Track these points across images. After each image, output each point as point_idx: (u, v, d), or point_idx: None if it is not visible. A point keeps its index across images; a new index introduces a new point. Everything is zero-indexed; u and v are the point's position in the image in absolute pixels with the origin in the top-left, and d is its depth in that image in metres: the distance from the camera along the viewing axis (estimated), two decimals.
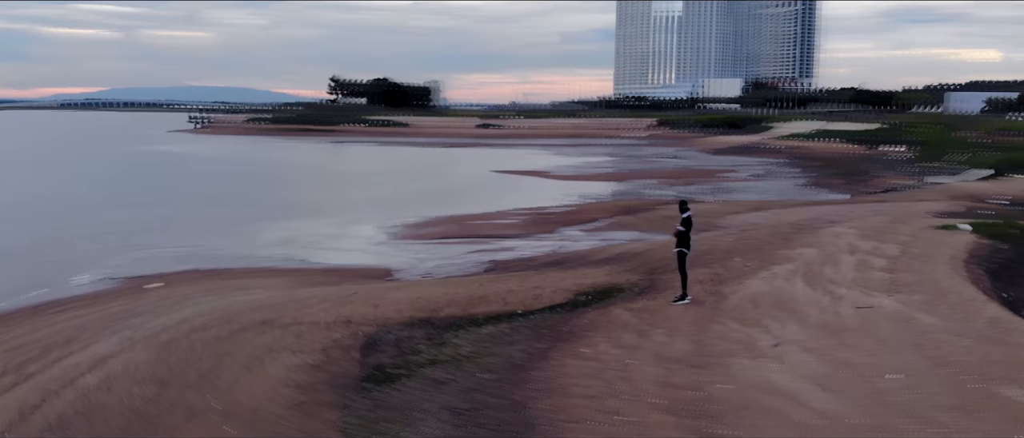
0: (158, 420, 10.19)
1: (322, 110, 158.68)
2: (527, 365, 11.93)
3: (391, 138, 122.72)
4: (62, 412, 10.63)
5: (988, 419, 8.78)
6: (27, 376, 12.56)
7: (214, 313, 16.25)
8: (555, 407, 10.11)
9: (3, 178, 58.20)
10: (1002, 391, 9.50)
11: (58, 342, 14.79)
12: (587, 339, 13.06)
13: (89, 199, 45.28)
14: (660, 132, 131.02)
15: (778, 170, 64.39)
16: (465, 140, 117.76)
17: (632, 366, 11.42)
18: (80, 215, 38.18)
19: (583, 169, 69.66)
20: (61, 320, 17.21)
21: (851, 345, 11.57)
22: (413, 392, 10.93)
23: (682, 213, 16.02)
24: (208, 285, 21.40)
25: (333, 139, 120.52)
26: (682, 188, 52.19)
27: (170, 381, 11.72)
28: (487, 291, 17.23)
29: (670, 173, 64.84)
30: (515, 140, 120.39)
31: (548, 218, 36.50)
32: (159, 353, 13.24)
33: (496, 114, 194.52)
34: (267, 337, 13.84)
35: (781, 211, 34.07)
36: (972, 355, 10.78)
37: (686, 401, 9.93)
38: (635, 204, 40.87)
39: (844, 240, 20.66)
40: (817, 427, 8.90)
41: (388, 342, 13.57)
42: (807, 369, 10.69)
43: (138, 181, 58.45)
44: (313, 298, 17.55)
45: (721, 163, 75.39)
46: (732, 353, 11.66)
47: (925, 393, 9.60)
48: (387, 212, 38.98)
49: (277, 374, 11.74)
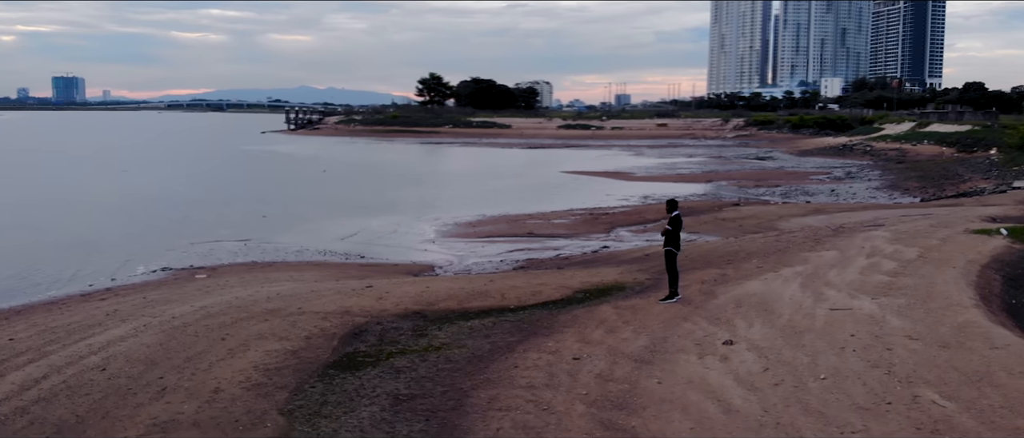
0: (130, 396, 11.08)
1: (414, 111, 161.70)
2: (489, 357, 12.39)
3: (481, 139, 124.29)
4: (54, 387, 11.67)
5: (891, 421, 8.75)
6: (43, 354, 13.74)
7: (232, 302, 17.26)
8: (492, 396, 10.55)
9: (101, 174, 61.81)
10: (924, 394, 9.42)
11: (85, 326, 16.02)
12: (558, 334, 13.42)
13: (173, 194, 47.75)
14: (750, 133, 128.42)
15: (861, 173, 62.52)
16: (551, 141, 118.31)
17: (582, 360, 11.74)
18: (161, 210, 40.41)
19: (661, 170, 69.28)
20: (101, 306, 18.55)
21: (802, 345, 11.57)
22: (369, 379, 11.54)
23: (670, 213, 16.13)
24: (246, 277, 22.58)
25: (424, 140, 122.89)
26: (754, 190, 51.45)
27: (159, 362, 12.66)
28: (492, 287, 17.72)
29: (749, 175, 63.83)
30: (601, 141, 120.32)
31: (603, 218, 36.68)
32: (164, 337, 14.25)
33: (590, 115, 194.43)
34: (264, 325, 14.69)
35: (838, 215, 33.35)
36: (916, 358, 10.66)
37: (612, 394, 10.22)
38: (696, 205, 40.58)
39: (872, 244, 20.27)
40: (719, 422, 9.07)
41: (373, 332, 14.24)
42: (744, 367, 10.79)
43: (224, 178, 61.25)
44: (330, 290, 18.40)
45: (806, 165, 73.68)
46: (684, 350, 11.84)
47: (844, 394, 9.61)
48: (449, 211, 39.89)
49: (254, 358, 12.53)
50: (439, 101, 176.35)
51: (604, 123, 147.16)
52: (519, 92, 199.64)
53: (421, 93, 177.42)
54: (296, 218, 37.78)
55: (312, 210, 41.23)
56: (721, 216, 36.11)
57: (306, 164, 76.45)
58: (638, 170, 68.70)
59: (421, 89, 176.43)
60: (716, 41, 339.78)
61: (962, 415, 8.79)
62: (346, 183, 58.44)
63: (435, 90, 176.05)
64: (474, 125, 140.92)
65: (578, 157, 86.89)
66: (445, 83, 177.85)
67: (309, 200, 46.53)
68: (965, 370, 10.13)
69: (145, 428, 9.97)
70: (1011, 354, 10.68)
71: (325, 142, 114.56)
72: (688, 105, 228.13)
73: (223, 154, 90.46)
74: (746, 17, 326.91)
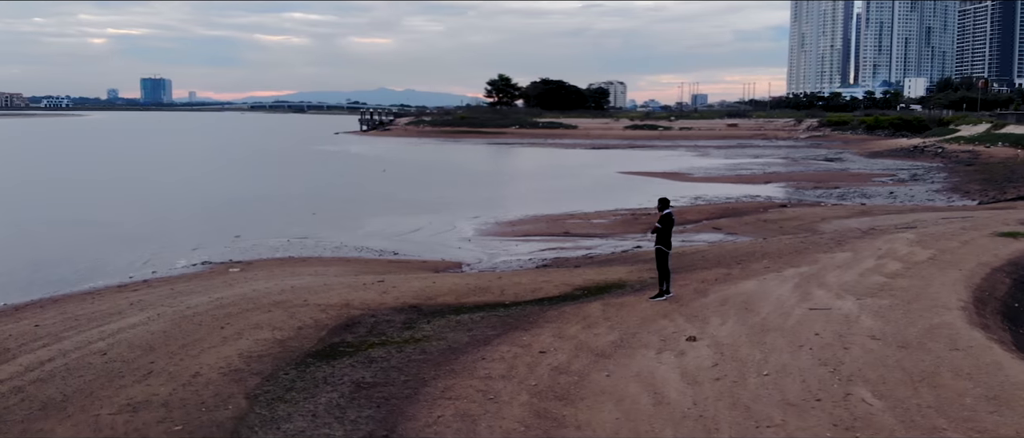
0: (117, 379, 11.81)
1: (481, 112, 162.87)
2: (463, 349, 12.77)
3: (546, 140, 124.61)
4: (54, 369, 12.51)
5: (811, 418, 8.79)
6: (58, 339, 14.66)
7: (247, 294, 18.02)
8: (448, 385, 10.92)
9: (177, 172, 64.28)
10: (857, 392, 9.40)
11: (106, 314, 16.98)
12: (537, 329, 13.70)
13: (238, 192, 49.43)
14: (823, 133, 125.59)
15: (927, 175, 60.74)
16: (616, 142, 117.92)
17: (547, 353, 12.01)
18: (223, 206, 41.99)
19: (721, 171, 68.49)
20: (130, 297, 19.55)
21: (762, 343, 11.60)
22: (341, 367, 12.04)
23: (661, 211, 16.21)
24: (275, 270, 23.43)
25: (489, 141, 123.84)
26: (811, 191, 50.56)
27: (157, 348, 13.41)
28: (494, 284, 18.09)
29: (811, 176, 62.64)
30: (668, 141, 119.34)
31: (643, 219, 36.59)
32: (171, 325, 15.04)
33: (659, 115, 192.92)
34: (265, 315, 15.36)
35: (882, 217, 32.66)
36: (868, 358, 10.60)
37: (560, 385, 10.48)
38: (740, 207, 40.23)
39: (891, 246, 19.95)
40: (645, 413, 9.25)
41: (366, 324, 14.76)
42: (695, 363, 10.90)
43: (288, 177, 62.96)
44: (341, 284, 19.03)
45: (873, 167, 71.86)
46: (647, 345, 11.99)
47: (778, 390, 9.66)
48: (494, 210, 40.37)
49: (243, 346, 13.17)
50: (507, 102, 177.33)
51: (672, 123, 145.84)
52: (589, 93, 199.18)
53: (490, 94, 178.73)
54: (345, 215, 38.77)
55: (363, 208, 42.24)
56: (764, 218, 35.75)
57: (370, 164, 77.97)
58: (697, 171, 68.08)
59: (490, 90, 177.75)
60: (796, 40, 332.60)
61: (885, 414, 8.78)
62: (402, 182, 59.45)
63: (504, 91, 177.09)
64: (540, 126, 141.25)
65: (640, 158, 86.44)
66: (513, 84, 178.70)
67: (363, 199, 47.63)
68: (912, 370, 10.07)
69: (118, 407, 10.65)
70: (968, 356, 10.55)
71: (393, 143, 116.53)
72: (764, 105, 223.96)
73: (295, 154, 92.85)
74: (827, 16, 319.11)
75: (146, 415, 10.31)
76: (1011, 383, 9.49)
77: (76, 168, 69.13)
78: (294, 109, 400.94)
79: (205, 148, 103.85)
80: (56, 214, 38.70)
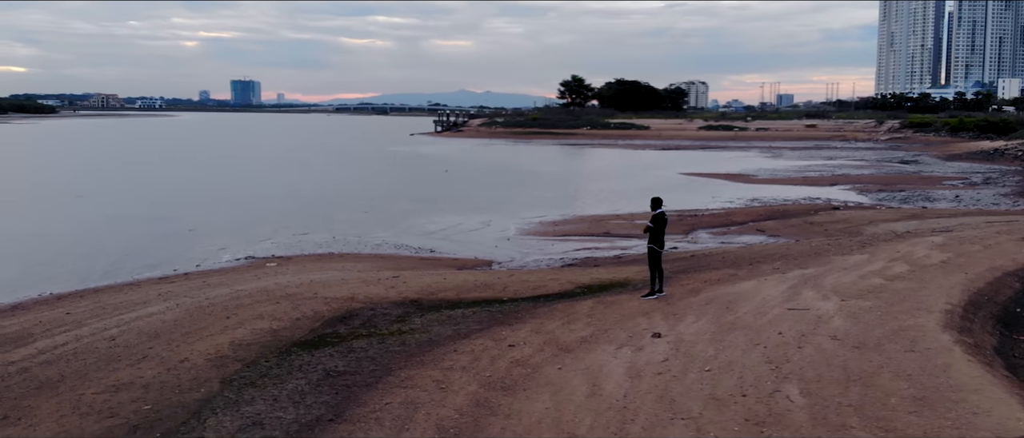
0: (114, 362, 12.66)
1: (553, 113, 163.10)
2: (442, 342, 13.22)
3: (616, 141, 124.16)
4: (63, 352, 13.45)
5: (728, 412, 8.92)
6: (79, 326, 15.70)
7: (265, 287, 18.85)
8: (409, 375, 11.39)
9: (253, 170, 66.59)
10: (786, 390, 9.47)
11: (132, 304, 18.02)
12: (520, 324, 14.06)
13: (301, 191, 50.98)
14: (904, 135, 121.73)
15: (1000, 178, 58.55)
16: (688, 143, 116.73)
17: (516, 347, 12.37)
18: (285, 203, 43.44)
19: (788, 173, 67.30)
20: (161, 288, 20.62)
21: (721, 341, 11.70)
22: (320, 357, 12.63)
23: (654, 211, 16.33)
24: (307, 265, 24.31)
25: (559, 142, 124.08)
26: (875, 194, 49.38)
27: (161, 335, 14.26)
28: (500, 281, 18.49)
29: (878, 179, 61.08)
30: (742, 142, 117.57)
31: (689, 220, 36.44)
32: (184, 315, 15.92)
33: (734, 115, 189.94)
34: (272, 307, 16.11)
35: (930, 220, 31.84)
36: (818, 357, 10.61)
37: (511, 377, 10.85)
38: (790, 209, 39.65)
39: (910, 248, 19.59)
40: (574, 403, 9.53)
41: (362, 317, 15.34)
42: (646, 358, 11.09)
43: (354, 177, 64.52)
44: (356, 279, 19.72)
45: (947, 170, 69.52)
46: (612, 341, 12.23)
47: (711, 385, 9.79)
48: (542, 210, 40.72)
49: (238, 335, 13.90)
50: (580, 103, 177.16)
51: (748, 124, 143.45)
52: (666, 93, 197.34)
53: (563, 95, 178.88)
54: (396, 214, 39.65)
55: (415, 207, 43.02)
56: (812, 220, 35.23)
57: (436, 164, 79.13)
58: (762, 172, 67.04)
59: (563, 91, 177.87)
60: (885, 39, 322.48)
61: (800, 411, 8.86)
62: (462, 182, 60.26)
63: (577, 92, 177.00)
64: (611, 126, 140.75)
65: (708, 159, 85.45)
66: (587, 85, 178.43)
67: (418, 198, 48.47)
68: (853, 370, 10.07)
69: (103, 388, 11.45)
70: (921, 357, 10.48)
71: (464, 143, 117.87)
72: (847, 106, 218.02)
73: (367, 155, 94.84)
74: (917, 14, 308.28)
75: (124, 395, 11.07)
76: (948, 385, 9.42)
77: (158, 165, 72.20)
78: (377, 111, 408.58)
79: (284, 148, 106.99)
80: (128, 210, 40.60)
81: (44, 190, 50.26)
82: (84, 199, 45.71)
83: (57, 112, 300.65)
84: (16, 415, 10.46)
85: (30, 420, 10.26)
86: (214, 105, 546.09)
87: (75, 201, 44.66)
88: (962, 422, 8.36)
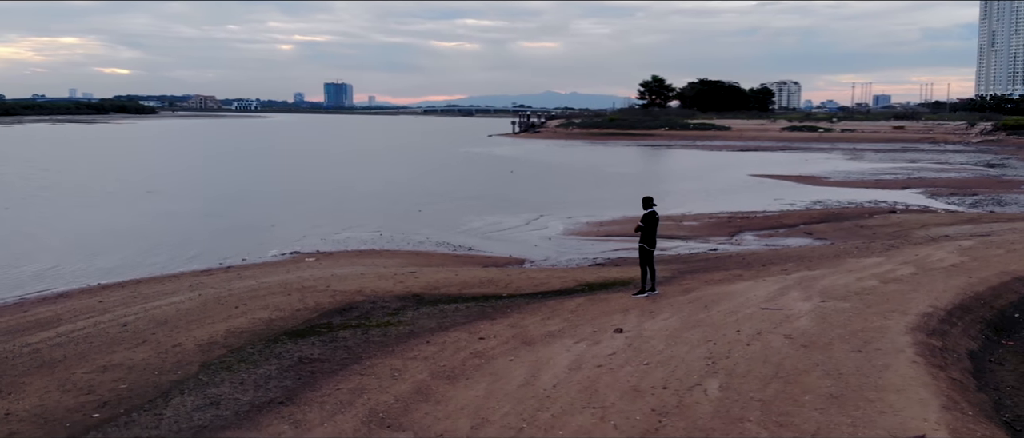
0: (115, 345, 13.58)
1: (632, 114, 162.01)
2: (420, 334, 13.72)
3: (695, 142, 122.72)
4: (76, 336, 14.47)
5: (638, 404, 9.13)
6: (104, 312, 16.80)
7: (285, 280, 19.71)
8: (372, 364, 11.92)
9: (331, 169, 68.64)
10: (706, 384, 9.59)
11: (162, 294, 19.11)
12: (503, 319, 14.47)
13: (364, 187, 52.39)
14: (997, 138, 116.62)
15: None
16: (769, 144, 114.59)
17: (484, 340, 12.77)
18: (347, 201, 44.84)
19: (862, 175, 65.62)
20: (196, 280, 21.74)
21: (676, 337, 11.83)
22: (302, 345, 13.28)
23: (645, 210, 16.43)
24: (341, 260, 25.17)
25: (637, 143, 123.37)
26: (945, 198, 47.83)
27: (170, 322, 15.18)
28: (507, 277, 18.91)
29: (954, 182, 58.99)
30: (825, 144, 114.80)
31: (738, 221, 36.10)
32: (199, 304, 16.86)
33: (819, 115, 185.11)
34: (281, 298, 16.90)
35: (983, 225, 30.81)
36: (761, 354, 10.67)
37: (463, 366, 11.30)
38: (845, 212, 38.83)
39: (929, 251, 19.18)
40: (504, 392, 9.90)
41: (361, 309, 15.97)
42: (595, 352, 11.33)
43: (423, 176, 65.77)
44: (373, 274, 20.39)
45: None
46: (575, 335, 12.50)
47: (640, 379, 9.98)
48: (595, 210, 40.89)
49: (236, 324, 14.69)
50: (661, 103, 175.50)
51: (834, 125, 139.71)
52: (752, 93, 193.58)
53: (642, 96, 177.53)
54: (449, 212, 40.40)
55: (470, 206, 43.73)
56: (863, 223, 34.48)
57: (505, 164, 79.85)
58: (835, 175, 65.52)
59: (642, 92, 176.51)
60: (985, 39, 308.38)
61: (707, 404, 9.00)
62: (525, 183, 60.74)
63: (657, 92, 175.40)
64: (690, 127, 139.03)
65: (785, 160, 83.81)
66: (668, 85, 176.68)
67: (477, 197, 49.24)
68: (785, 368, 10.11)
69: (94, 368, 12.34)
70: (864, 358, 10.44)
71: (539, 144, 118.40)
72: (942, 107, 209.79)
73: (443, 155, 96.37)
74: (1020, 13, 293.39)
75: (108, 375, 11.93)
76: (873, 385, 9.39)
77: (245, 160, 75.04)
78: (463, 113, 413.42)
79: (365, 148, 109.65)
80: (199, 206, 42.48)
81: (123, 186, 52.89)
82: (160, 194, 47.97)
83: (157, 113, 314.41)
84: (8, 390, 11.40)
85: (19, 395, 11.18)
86: (307, 107, 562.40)
87: (147, 197, 46.89)
88: (862, 420, 8.37)
